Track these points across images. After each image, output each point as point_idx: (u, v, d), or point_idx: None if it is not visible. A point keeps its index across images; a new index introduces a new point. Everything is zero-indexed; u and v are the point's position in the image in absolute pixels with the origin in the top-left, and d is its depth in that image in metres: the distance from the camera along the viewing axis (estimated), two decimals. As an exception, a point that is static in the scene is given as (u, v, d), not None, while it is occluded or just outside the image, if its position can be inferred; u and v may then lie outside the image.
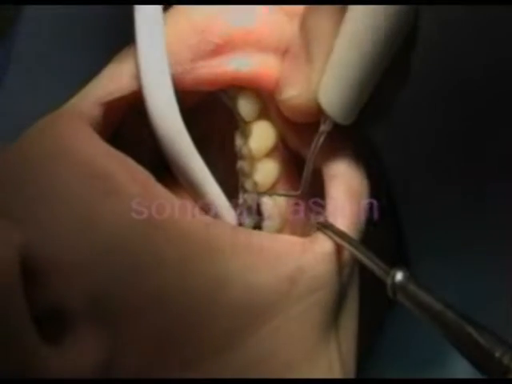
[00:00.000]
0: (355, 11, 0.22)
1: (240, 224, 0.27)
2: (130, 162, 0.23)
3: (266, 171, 0.27)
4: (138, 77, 0.24)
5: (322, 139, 0.25)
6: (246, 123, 0.27)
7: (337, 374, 0.26)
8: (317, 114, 0.25)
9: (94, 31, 0.38)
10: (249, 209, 0.28)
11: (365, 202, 0.26)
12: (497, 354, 0.18)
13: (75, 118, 0.24)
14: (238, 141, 0.27)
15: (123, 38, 0.25)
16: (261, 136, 0.27)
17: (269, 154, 0.27)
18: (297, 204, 0.28)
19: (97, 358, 0.21)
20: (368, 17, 0.22)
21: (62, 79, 0.26)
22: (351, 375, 0.28)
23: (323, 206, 0.26)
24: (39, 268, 0.21)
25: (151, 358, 0.22)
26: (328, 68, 0.24)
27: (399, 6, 0.22)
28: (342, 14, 0.23)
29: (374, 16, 0.22)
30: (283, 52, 0.25)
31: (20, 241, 0.21)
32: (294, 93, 0.24)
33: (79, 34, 0.40)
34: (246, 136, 0.27)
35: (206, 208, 0.25)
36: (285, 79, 0.25)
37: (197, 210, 0.24)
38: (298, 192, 0.26)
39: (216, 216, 0.25)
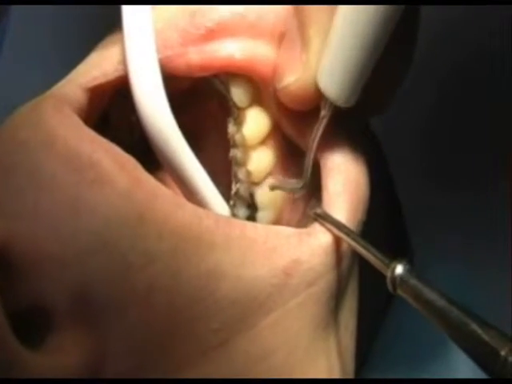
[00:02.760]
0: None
1: (234, 216, 0.27)
2: (116, 150, 0.22)
3: (260, 160, 0.27)
4: (123, 62, 0.23)
5: (323, 125, 0.24)
6: (239, 110, 0.26)
7: (336, 372, 0.26)
8: (316, 99, 0.24)
9: (87, 26, 0.38)
10: (242, 200, 0.27)
11: (364, 193, 0.25)
12: (502, 352, 0.17)
13: (59, 104, 0.23)
14: (231, 128, 0.26)
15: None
16: (255, 123, 0.26)
17: (263, 142, 0.27)
18: (294, 195, 0.27)
19: (81, 361, 0.21)
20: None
21: (54, 72, 0.25)
22: (350, 373, 0.27)
23: (321, 198, 0.25)
24: (19, 261, 0.20)
25: (141, 358, 0.21)
26: (326, 50, 0.23)
27: None
28: None
29: None
30: (278, 38, 0.25)
31: None
32: (291, 79, 0.24)
33: (72, 29, 0.39)
34: (239, 123, 0.26)
35: (197, 199, 0.25)
36: (282, 65, 0.24)
37: (188, 202, 0.23)
38: (300, 185, 0.25)
39: (208, 208, 0.25)
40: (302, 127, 0.25)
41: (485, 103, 0.35)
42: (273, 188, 0.27)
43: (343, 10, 0.22)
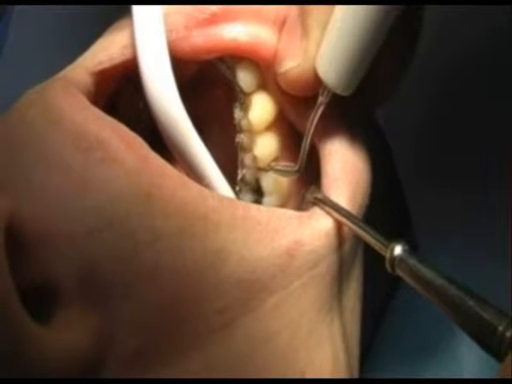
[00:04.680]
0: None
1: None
2: (123, 129, 0.22)
3: (266, 145, 0.27)
4: (129, 46, 0.24)
5: (320, 112, 0.24)
6: (246, 95, 0.26)
7: (341, 358, 0.26)
8: (316, 86, 0.24)
9: (88, 23, 0.38)
10: (248, 185, 0.27)
11: (363, 178, 0.25)
12: (500, 328, 0.17)
13: (67, 86, 0.23)
14: (237, 113, 0.27)
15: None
16: (261, 108, 0.26)
17: (269, 128, 0.27)
18: (300, 181, 0.27)
19: (89, 338, 0.21)
20: None
21: (56, 69, 0.26)
22: (356, 357, 0.27)
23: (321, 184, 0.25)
24: (28, 239, 0.21)
25: (147, 337, 0.22)
26: (325, 38, 0.23)
27: None
28: None
29: None
30: (280, 24, 0.25)
31: (7, 209, 0.20)
32: (291, 64, 0.24)
33: (74, 27, 0.40)
34: (245, 108, 0.26)
35: (204, 184, 0.25)
36: (282, 51, 0.25)
37: (194, 182, 0.23)
38: (296, 167, 0.26)
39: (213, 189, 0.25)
40: (304, 112, 0.25)
41: (485, 102, 0.35)
42: (268, 170, 0.27)
43: None
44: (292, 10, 0.24)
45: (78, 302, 0.21)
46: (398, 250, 0.21)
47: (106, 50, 0.24)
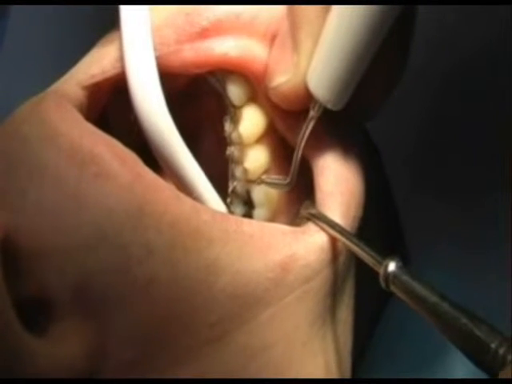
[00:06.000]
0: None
1: (231, 213, 0.27)
2: (117, 144, 0.22)
3: (257, 158, 0.27)
4: (121, 59, 0.24)
5: (311, 126, 0.24)
6: (236, 108, 0.26)
7: (333, 369, 0.26)
8: (307, 100, 0.24)
9: (84, 26, 0.38)
10: (239, 197, 0.27)
11: (356, 191, 0.25)
12: (493, 345, 0.18)
13: (60, 101, 0.23)
14: (228, 126, 0.27)
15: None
16: (251, 121, 0.26)
17: (259, 140, 0.27)
18: (291, 194, 0.27)
19: (83, 350, 0.21)
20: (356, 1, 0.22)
21: (52, 72, 0.25)
22: (347, 371, 0.28)
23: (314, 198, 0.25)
24: (23, 252, 0.21)
25: (141, 350, 0.22)
26: (316, 52, 0.23)
27: None
28: None
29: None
30: (271, 38, 0.25)
31: (3, 223, 0.20)
32: (282, 79, 0.24)
33: (70, 29, 0.40)
34: (235, 121, 0.26)
35: (195, 198, 0.25)
36: (273, 66, 0.25)
37: (187, 197, 0.23)
38: (287, 181, 0.26)
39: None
40: (295, 126, 0.25)
41: (482, 111, 0.35)
42: (260, 182, 0.27)
43: (335, 12, 0.22)
44: (283, 23, 0.24)
45: (73, 314, 0.21)
46: (391, 266, 0.21)
47: (98, 63, 0.24)
